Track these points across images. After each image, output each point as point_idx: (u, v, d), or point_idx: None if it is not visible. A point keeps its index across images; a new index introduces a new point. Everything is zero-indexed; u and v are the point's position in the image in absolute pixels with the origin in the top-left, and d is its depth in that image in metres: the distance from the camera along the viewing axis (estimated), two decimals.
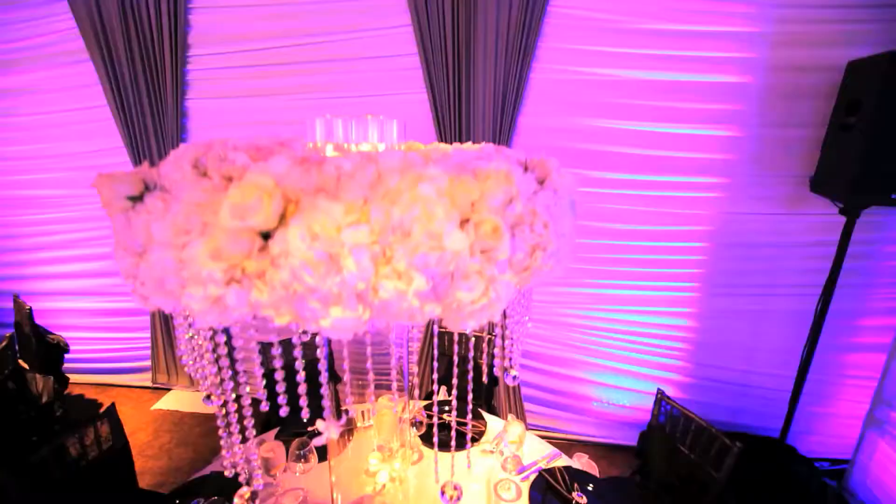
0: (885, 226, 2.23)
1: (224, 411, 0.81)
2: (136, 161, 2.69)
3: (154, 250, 0.58)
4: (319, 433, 0.66)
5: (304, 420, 0.78)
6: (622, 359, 2.65)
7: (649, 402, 1.98)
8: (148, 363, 3.17)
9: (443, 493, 0.71)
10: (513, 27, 2.14)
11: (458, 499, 0.71)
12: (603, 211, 2.43)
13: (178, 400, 3.10)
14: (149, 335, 3.10)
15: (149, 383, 3.21)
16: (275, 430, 1.84)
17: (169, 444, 2.70)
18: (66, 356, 2.77)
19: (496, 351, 0.91)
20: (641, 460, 1.99)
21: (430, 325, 2.67)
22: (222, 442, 0.77)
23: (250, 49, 2.46)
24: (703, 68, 2.15)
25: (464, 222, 0.56)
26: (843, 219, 2.13)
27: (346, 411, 2.00)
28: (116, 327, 3.16)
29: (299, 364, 0.75)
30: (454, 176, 0.57)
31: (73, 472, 1.55)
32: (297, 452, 1.50)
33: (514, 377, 1.10)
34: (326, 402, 0.71)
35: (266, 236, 0.53)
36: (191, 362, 0.76)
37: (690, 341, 2.58)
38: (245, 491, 0.69)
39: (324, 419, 0.66)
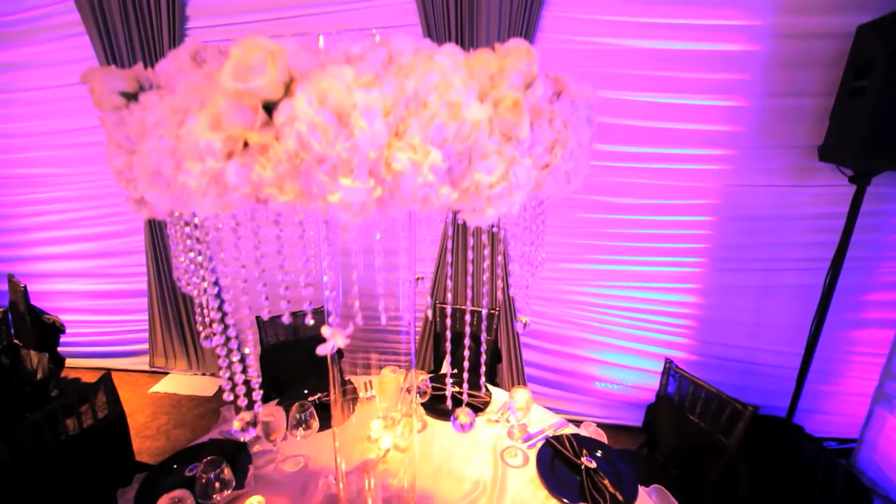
0: (895, 197, 2.20)
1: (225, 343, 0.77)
2: None
3: (149, 138, 0.54)
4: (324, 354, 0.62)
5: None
6: (626, 336, 2.62)
7: (654, 382, 1.95)
8: (145, 346, 3.13)
9: (455, 418, 0.67)
10: None
11: (471, 425, 0.68)
12: (605, 185, 2.40)
13: (176, 383, 3.05)
14: (146, 318, 3.05)
15: (146, 367, 3.16)
16: (275, 400, 1.80)
17: (167, 426, 2.65)
18: (63, 340, 2.72)
19: (512, 292, 0.88)
20: (649, 433, 1.95)
21: (434, 302, 2.63)
22: (222, 372, 0.73)
23: (248, 21, 2.41)
24: (707, 36, 2.12)
25: (482, 99, 0.52)
26: (851, 190, 2.10)
27: (349, 382, 1.97)
28: (113, 310, 3.11)
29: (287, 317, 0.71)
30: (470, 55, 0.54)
31: (66, 440, 1.50)
32: (298, 416, 1.46)
33: (525, 324, 1.06)
34: (332, 314, 0.67)
35: (269, 110, 0.49)
36: (188, 286, 0.72)
37: (695, 318, 2.55)
38: (245, 415, 0.65)
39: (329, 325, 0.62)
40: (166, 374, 3.16)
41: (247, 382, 0.71)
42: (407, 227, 1.00)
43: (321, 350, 0.57)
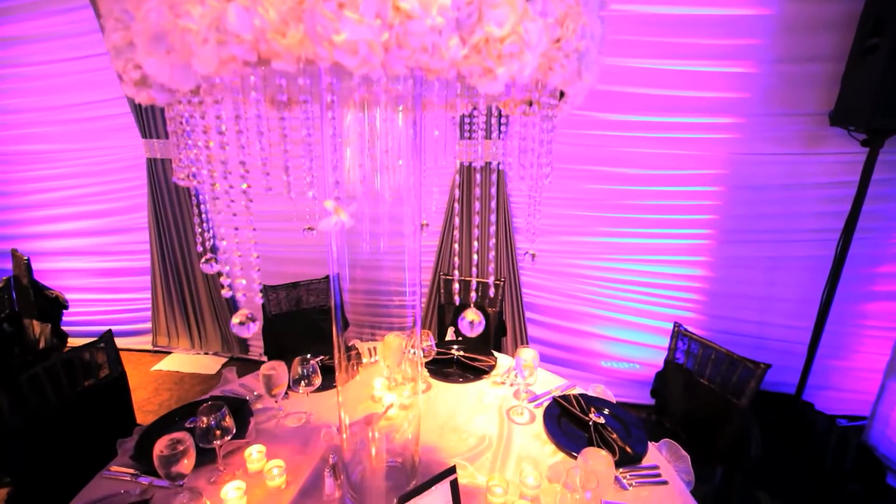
0: None
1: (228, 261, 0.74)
2: (137, 112, 2.64)
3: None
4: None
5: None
6: (633, 311, 2.59)
7: (660, 359, 1.91)
8: (148, 325, 3.12)
9: (463, 318, 0.65)
10: None
11: (481, 325, 0.65)
12: (611, 155, 2.37)
13: (179, 361, 3.04)
14: (149, 296, 3.04)
15: (149, 346, 3.15)
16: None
17: (168, 402, 2.64)
18: (65, 319, 2.71)
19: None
20: (657, 400, 1.92)
21: (436, 274, 2.61)
22: (222, 270, 0.69)
23: None
24: (715, 1, 2.09)
25: None
26: (862, 157, 2.07)
27: (353, 347, 1.95)
28: (116, 288, 3.10)
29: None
30: None
31: (68, 398, 1.49)
32: (300, 371, 1.44)
33: (533, 256, 1.04)
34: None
35: None
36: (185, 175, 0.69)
37: (703, 292, 2.51)
38: (243, 311, 0.63)
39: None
40: (169, 353, 3.14)
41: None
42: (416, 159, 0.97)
43: (323, 225, 0.54)
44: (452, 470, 1.03)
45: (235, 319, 0.63)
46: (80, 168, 2.86)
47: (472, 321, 0.64)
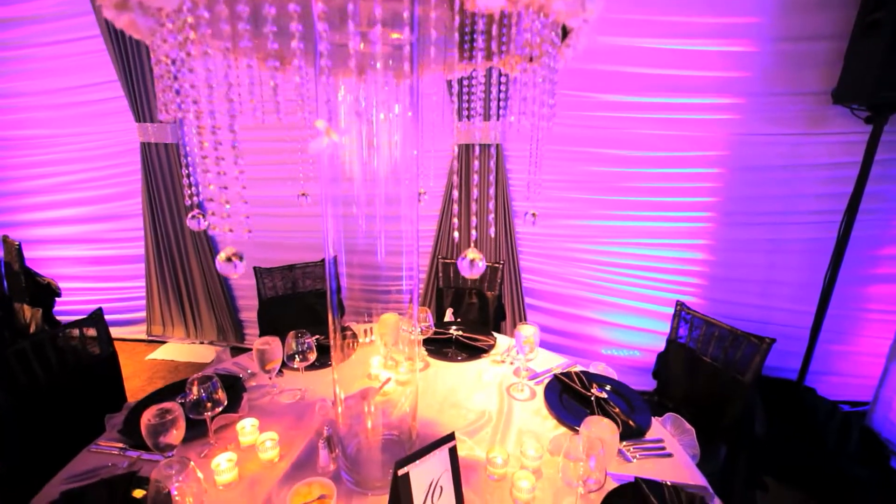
0: None
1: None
2: (130, 94, 2.60)
3: None
4: None
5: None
6: (633, 296, 2.56)
7: (661, 344, 1.88)
8: (143, 314, 3.07)
9: (463, 257, 0.61)
10: None
11: (482, 265, 0.62)
12: (611, 136, 2.34)
13: (174, 351, 3.00)
14: (143, 284, 3.00)
15: (143, 336, 3.11)
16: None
17: None
18: (58, 308, 2.66)
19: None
20: (659, 381, 1.89)
21: (434, 258, 2.57)
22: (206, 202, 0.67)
23: None
24: None
25: None
26: (865, 136, 2.04)
27: (349, 328, 1.91)
28: (109, 276, 3.06)
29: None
30: None
31: (57, 376, 1.45)
32: (295, 346, 1.40)
33: (534, 216, 1.01)
34: None
35: None
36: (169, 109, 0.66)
37: (704, 276, 2.48)
38: (229, 248, 0.59)
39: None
40: (164, 342, 3.10)
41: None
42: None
43: (313, 147, 0.51)
44: (451, 437, 1.00)
45: (221, 256, 0.59)
46: (72, 154, 2.81)
47: (472, 259, 0.61)
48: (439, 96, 2.26)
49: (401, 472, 0.90)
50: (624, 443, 1.22)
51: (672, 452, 1.20)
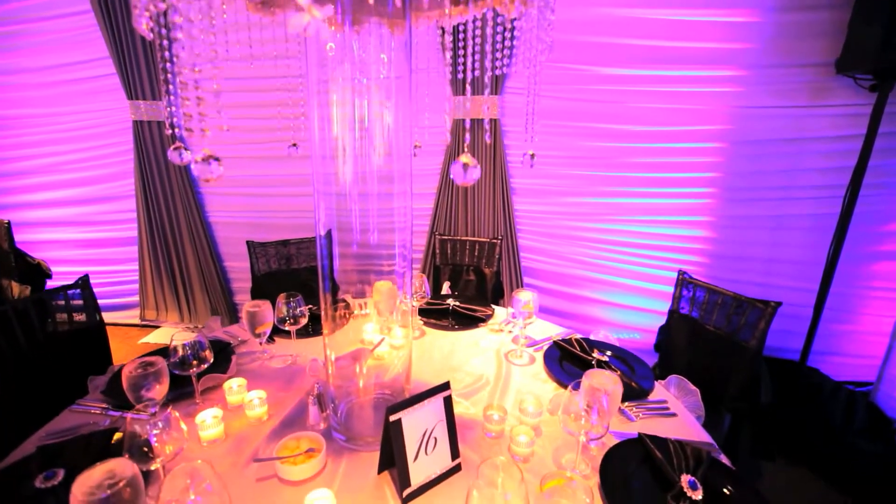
0: None
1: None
2: (122, 71, 2.55)
3: None
4: None
5: None
6: (633, 275, 2.52)
7: (661, 324, 1.84)
8: (136, 299, 3.03)
9: (456, 161, 0.57)
10: None
11: (476, 171, 0.58)
12: (609, 111, 2.30)
13: (167, 335, 2.95)
14: (136, 268, 2.95)
15: (137, 321, 3.05)
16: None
17: None
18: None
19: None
20: (661, 354, 1.84)
21: (431, 236, 2.53)
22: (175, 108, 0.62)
23: None
24: None
25: None
26: (868, 109, 2.01)
27: (343, 300, 1.87)
28: (102, 259, 3.01)
29: None
30: None
31: (42, 343, 1.40)
32: (286, 310, 1.36)
33: (532, 156, 0.97)
34: None
35: None
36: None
37: (705, 253, 2.44)
38: (205, 150, 0.55)
39: None
40: (157, 327, 3.05)
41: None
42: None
43: (292, 24, 0.47)
44: (446, 386, 0.96)
45: (197, 157, 0.55)
46: (62, 133, 2.76)
47: (465, 164, 0.57)
48: (433, 66, 2.22)
49: (392, 417, 0.85)
50: (626, 403, 1.17)
51: (676, 413, 1.16)
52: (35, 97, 2.71)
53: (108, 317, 3.12)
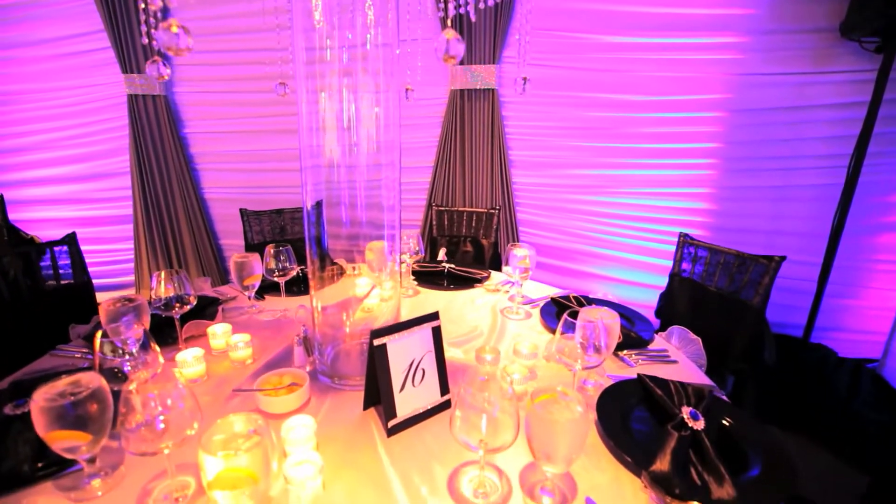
0: None
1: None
2: (118, 43, 2.53)
3: None
4: None
5: None
6: (633, 248, 2.47)
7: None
8: (132, 278, 2.99)
9: (444, 37, 0.53)
10: None
11: (460, 46, 0.54)
12: (607, 80, 2.26)
13: None
14: (132, 246, 2.92)
15: None
16: None
17: None
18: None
19: None
20: (662, 319, 1.80)
21: (428, 209, 2.50)
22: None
23: None
24: None
25: None
26: (873, 75, 1.97)
27: (335, 262, 1.83)
28: (96, 238, 2.97)
29: None
30: None
31: (27, 301, 1.37)
32: (274, 263, 1.32)
33: (525, 80, 0.93)
34: None
35: None
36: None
37: (706, 227, 2.40)
38: (173, 20, 0.51)
39: None
40: None
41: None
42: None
43: None
44: (435, 316, 0.92)
45: (164, 25, 0.51)
46: (56, 109, 2.73)
47: (448, 39, 0.53)
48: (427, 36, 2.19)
49: (377, 341, 0.81)
50: (625, 350, 1.13)
51: (677, 360, 1.12)
52: (28, 72, 2.68)
53: (103, 297, 3.09)
